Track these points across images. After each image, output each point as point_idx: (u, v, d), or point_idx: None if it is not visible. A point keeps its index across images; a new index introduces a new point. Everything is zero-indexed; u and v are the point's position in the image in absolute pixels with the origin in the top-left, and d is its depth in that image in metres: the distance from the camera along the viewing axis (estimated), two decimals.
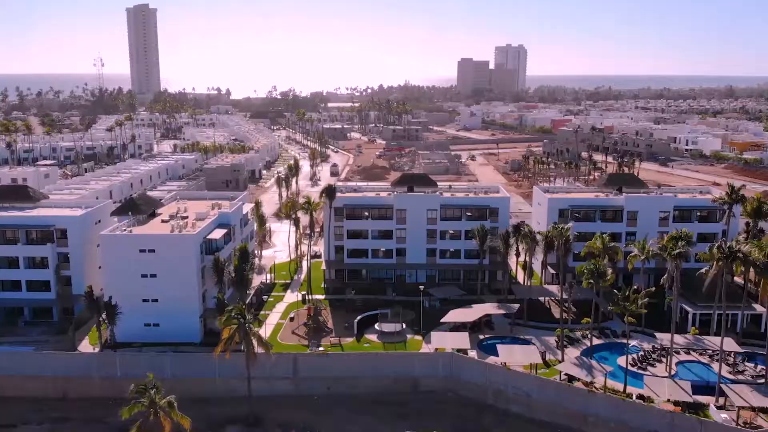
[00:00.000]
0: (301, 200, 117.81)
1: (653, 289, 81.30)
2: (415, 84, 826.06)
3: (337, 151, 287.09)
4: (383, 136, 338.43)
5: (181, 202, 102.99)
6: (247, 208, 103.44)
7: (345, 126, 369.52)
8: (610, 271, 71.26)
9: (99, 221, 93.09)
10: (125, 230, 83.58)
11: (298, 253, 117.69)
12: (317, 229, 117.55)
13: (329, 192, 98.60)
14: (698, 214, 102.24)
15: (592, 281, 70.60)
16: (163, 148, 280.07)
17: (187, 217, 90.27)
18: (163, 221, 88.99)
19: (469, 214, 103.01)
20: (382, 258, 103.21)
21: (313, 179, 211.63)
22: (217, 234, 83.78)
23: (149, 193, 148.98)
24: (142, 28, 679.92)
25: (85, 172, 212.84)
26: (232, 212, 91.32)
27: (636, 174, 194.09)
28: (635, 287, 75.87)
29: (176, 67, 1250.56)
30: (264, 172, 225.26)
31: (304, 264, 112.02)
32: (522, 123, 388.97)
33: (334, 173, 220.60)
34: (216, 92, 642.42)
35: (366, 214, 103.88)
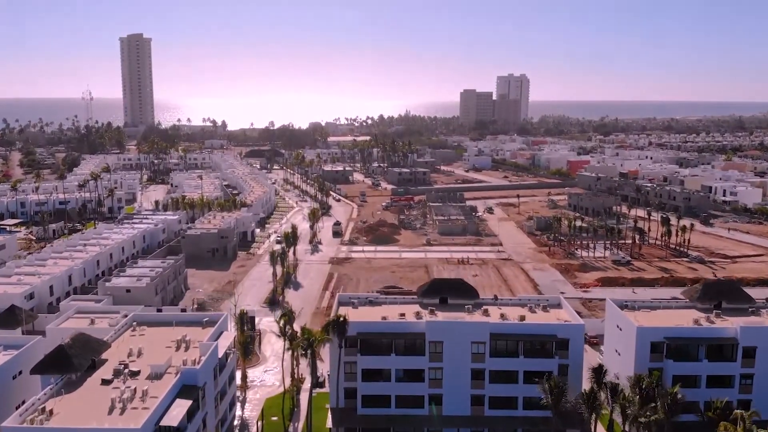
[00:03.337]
0: (296, 313, 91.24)
1: None
2: (415, 114, 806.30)
3: (339, 200, 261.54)
4: (388, 178, 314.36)
5: (138, 332, 76.31)
6: (228, 339, 76.71)
7: (347, 168, 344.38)
8: None
9: (20, 373, 66.62)
10: (42, 409, 56.52)
11: (295, 377, 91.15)
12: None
13: (339, 326, 71.97)
14: None
15: None
16: (149, 196, 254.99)
17: (138, 373, 63.71)
18: (104, 381, 62.31)
19: (525, 344, 76.75)
20: (410, 408, 76.30)
21: (313, 242, 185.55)
22: (176, 416, 56.72)
23: (115, 280, 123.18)
24: (136, 59, 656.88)
25: (53, 234, 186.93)
26: (201, 367, 64.17)
27: (688, 242, 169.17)
28: None
29: (171, 97, 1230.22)
30: (258, 231, 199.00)
31: (303, 401, 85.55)
32: (535, 163, 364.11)
33: (337, 233, 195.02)
34: (211, 125, 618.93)
35: (386, 342, 77.49)
